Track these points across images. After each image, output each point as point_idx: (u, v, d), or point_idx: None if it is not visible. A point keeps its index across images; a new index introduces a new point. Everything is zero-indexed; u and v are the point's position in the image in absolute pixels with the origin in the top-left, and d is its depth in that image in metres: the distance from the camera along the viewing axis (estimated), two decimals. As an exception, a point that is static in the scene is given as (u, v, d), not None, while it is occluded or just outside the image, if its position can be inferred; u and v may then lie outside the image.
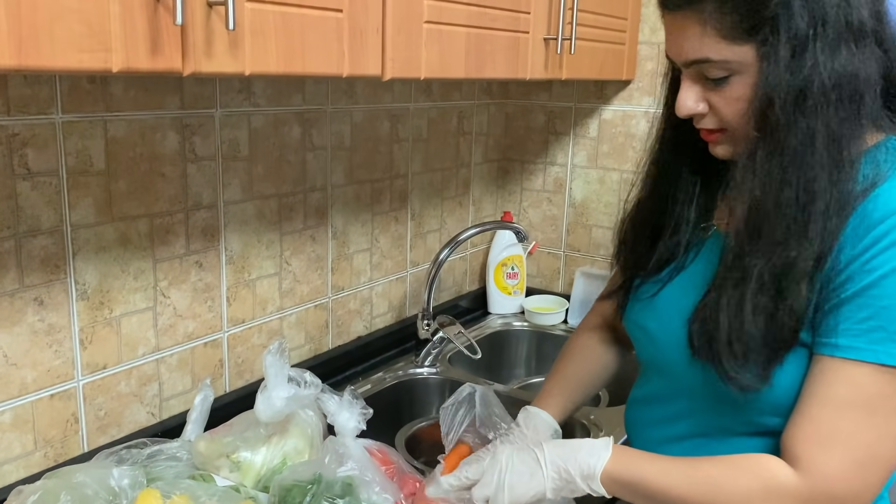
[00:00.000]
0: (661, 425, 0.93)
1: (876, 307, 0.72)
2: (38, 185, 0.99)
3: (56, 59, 0.65)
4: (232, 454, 0.95)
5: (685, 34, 0.78)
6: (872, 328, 0.72)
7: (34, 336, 1.01)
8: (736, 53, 0.76)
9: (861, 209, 0.74)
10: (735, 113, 0.79)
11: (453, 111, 1.74)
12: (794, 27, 0.73)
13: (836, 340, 0.74)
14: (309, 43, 0.87)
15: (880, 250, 0.73)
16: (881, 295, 0.72)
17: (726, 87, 0.78)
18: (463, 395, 1.00)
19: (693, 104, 0.81)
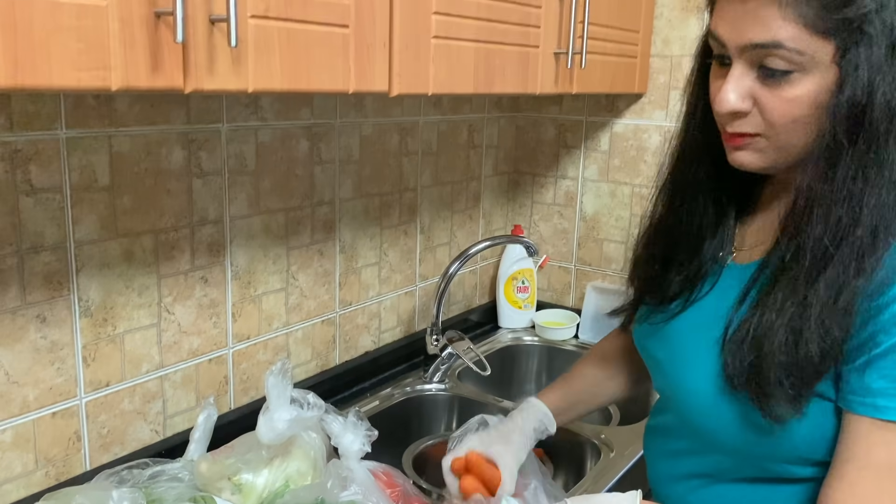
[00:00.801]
0: (669, 459, 0.90)
1: None
2: (42, 201, 0.98)
3: (53, 77, 0.63)
4: (234, 476, 0.93)
5: (756, 14, 0.70)
6: None
7: (36, 353, 1.00)
8: (812, 46, 0.68)
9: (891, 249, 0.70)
10: (785, 115, 0.72)
11: (463, 124, 1.72)
12: (888, 28, 0.67)
13: (872, 400, 0.70)
14: (314, 59, 0.86)
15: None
16: None
17: (785, 84, 0.71)
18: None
19: (737, 99, 0.73)
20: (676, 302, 0.87)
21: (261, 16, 0.79)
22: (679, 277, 0.87)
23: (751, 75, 0.73)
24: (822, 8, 0.67)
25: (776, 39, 0.69)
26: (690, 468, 0.87)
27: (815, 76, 0.70)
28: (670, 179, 0.89)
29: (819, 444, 0.75)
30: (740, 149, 0.77)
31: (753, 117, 0.74)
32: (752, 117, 0.74)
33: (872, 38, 0.67)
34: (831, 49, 0.69)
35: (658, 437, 0.94)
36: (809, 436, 0.74)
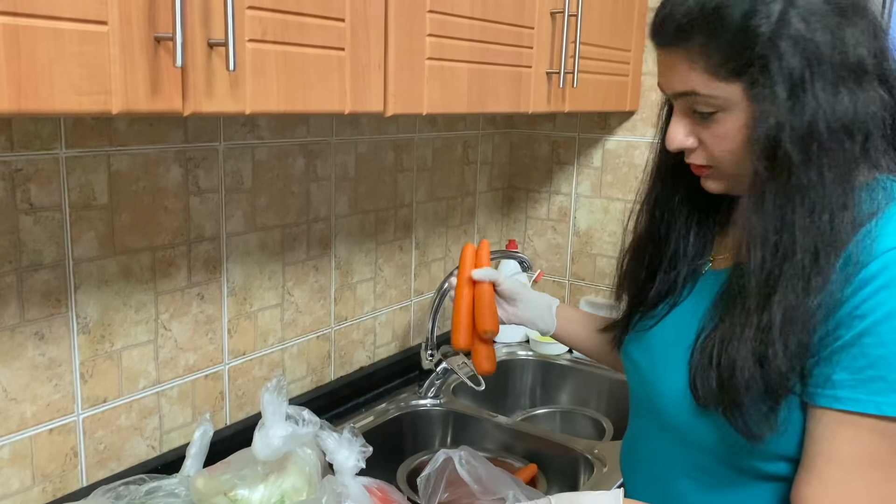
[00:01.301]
0: (651, 462, 0.92)
1: (873, 356, 0.70)
2: (41, 219, 0.99)
3: (55, 102, 0.65)
4: (229, 492, 0.94)
5: (675, 68, 0.79)
6: (872, 378, 0.70)
7: (34, 370, 1.01)
8: (723, 90, 0.76)
9: (847, 252, 0.73)
10: (721, 149, 0.79)
11: (458, 141, 1.74)
12: (786, 67, 0.72)
13: (834, 392, 0.72)
14: (311, 81, 0.87)
15: (870, 294, 0.70)
16: (878, 343, 0.70)
17: (713, 123, 0.78)
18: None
19: (682, 138, 0.81)
20: (660, 307, 0.92)
21: (258, 39, 0.81)
22: (661, 287, 0.92)
23: (690, 116, 0.81)
24: (722, 57, 0.75)
25: (691, 88, 0.78)
26: (669, 469, 0.89)
27: (735, 113, 0.77)
28: (651, 194, 0.95)
29: (789, 440, 0.77)
30: (705, 178, 0.84)
31: (701, 151, 0.82)
32: (700, 151, 0.82)
33: (773, 77, 0.73)
34: (741, 89, 0.75)
35: (637, 441, 0.97)
36: (779, 433, 0.76)
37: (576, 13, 1.34)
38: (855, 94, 0.73)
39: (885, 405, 0.70)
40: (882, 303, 0.70)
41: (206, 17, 0.75)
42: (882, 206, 0.74)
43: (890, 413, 0.70)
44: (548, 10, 1.28)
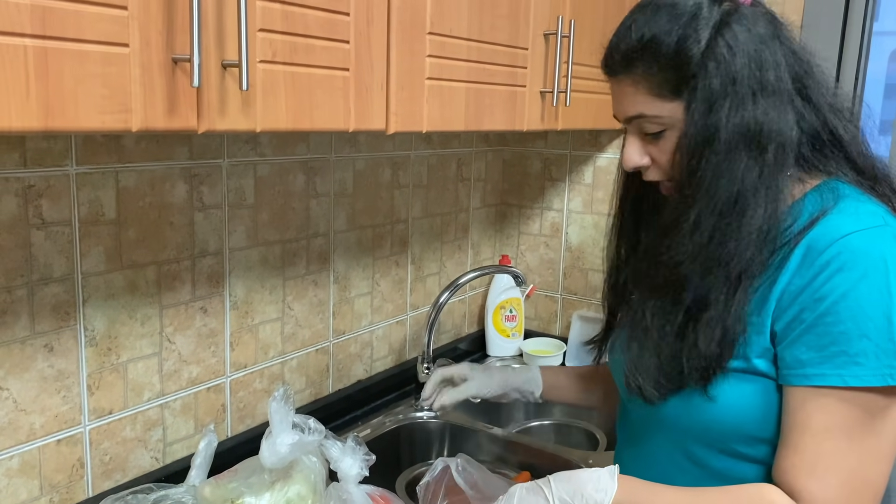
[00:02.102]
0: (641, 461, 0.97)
1: (834, 333, 0.77)
2: (52, 234, 1.02)
3: (80, 120, 0.68)
4: (236, 499, 0.96)
5: (624, 94, 0.89)
6: (835, 353, 0.77)
7: (43, 382, 1.03)
8: (666, 109, 0.85)
9: (804, 241, 0.81)
10: (671, 164, 0.88)
11: (452, 158, 1.78)
12: (709, 86, 0.82)
13: (803, 370, 0.79)
14: (317, 100, 0.91)
15: (827, 277, 0.78)
16: (837, 321, 0.77)
17: (662, 140, 0.88)
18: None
19: (637, 158, 0.90)
20: None
21: (268, 60, 0.84)
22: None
23: (641, 137, 0.90)
24: (661, 79, 0.85)
25: (639, 111, 0.87)
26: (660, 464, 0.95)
27: (679, 128, 0.86)
28: (617, 208, 1.05)
29: (767, 423, 0.83)
30: (666, 191, 0.93)
31: (655, 168, 0.91)
32: (654, 168, 0.91)
33: (699, 95, 0.83)
34: (681, 106, 0.85)
35: (624, 445, 1.04)
36: (755, 415, 0.83)
37: (568, 34, 1.38)
38: (760, 109, 0.82)
39: (849, 377, 0.77)
40: (839, 284, 0.78)
41: (220, 39, 0.79)
42: (830, 202, 0.83)
43: (853, 384, 0.77)
44: (541, 31, 1.33)
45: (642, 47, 0.85)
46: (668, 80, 0.84)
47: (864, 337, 0.77)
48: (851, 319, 0.77)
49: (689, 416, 0.88)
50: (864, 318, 0.77)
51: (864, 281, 0.77)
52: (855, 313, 0.77)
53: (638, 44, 0.86)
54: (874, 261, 0.78)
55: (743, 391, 0.84)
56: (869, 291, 0.77)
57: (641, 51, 0.85)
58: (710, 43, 0.83)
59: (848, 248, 0.78)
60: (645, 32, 0.85)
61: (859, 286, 0.77)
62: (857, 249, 0.78)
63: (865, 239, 0.79)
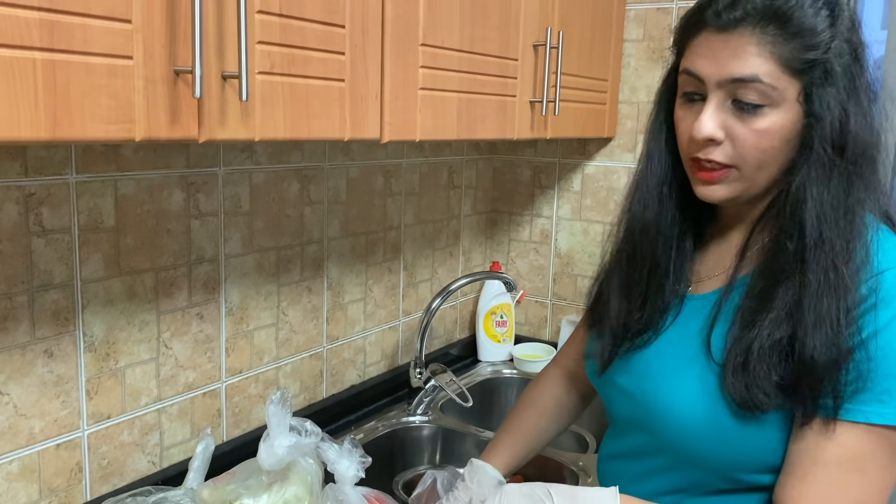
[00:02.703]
0: (639, 481, 0.93)
1: (860, 370, 0.76)
2: (52, 241, 1.03)
3: (86, 131, 0.70)
4: (234, 501, 0.98)
5: (737, 52, 0.78)
6: (859, 389, 0.76)
7: (43, 387, 1.05)
8: (783, 83, 0.78)
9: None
10: (755, 146, 0.80)
11: (444, 166, 1.81)
12: (844, 78, 0.78)
13: (823, 401, 0.77)
14: (314, 110, 0.94)
15: (863, 312, 0.77)
16: (863, 358, 0.76)
17: (756, 116, 0.79)
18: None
19: (714, 127, 0.80)
20: (642, 336, 0.93)
21: (267, 72, 0.87)
22: (645, 313, 0.93)
23: (726, 108, 0.80)
24: (794, 49, 0.77)
25: (755, 74, 0.77)
26: (660, 486, 0.92)
27: (782, 111, 0.79)
28: (630, 218, 0.96)
29: (780, 450, 0.82)
30: (716, 182, 0.84)
31: (725, 147, 0.81)
32: (724, 147, 0.81)
33: (833, 84, 0.78)
34: (798, 87, 0.78)
35: (620, 461, 0.99)
36: (774, 443, 0.81)
37: (556, 46, 1.42)
38: (878, 116, 0.81)
39: (872, 414, 0.76)
40: (871, 321, 0.77)
41: (220, 51, 0.81)
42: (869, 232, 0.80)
43: (876, 421, 0.76)
44: (530, 42, 1.36)
45: (783, 9, 0.77)
46: (799, 56, 0.77)
47: (891, 376, 0.76)
48: (880, 358, 0.76)
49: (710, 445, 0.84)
50: (891, 357, 0.76)
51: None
52: (886, 352, 0.76)
53: (773, 3, 0.77)
54: None
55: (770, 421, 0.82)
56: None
57: (781, 12, 0.77)
58: (848, 35, 0.79)
59: (884, 285, 0.77)
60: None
61: (892, 325, 0.77)
62: (892, 286, 0.77)
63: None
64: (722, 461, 0.85)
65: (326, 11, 0.93)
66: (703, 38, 0.82)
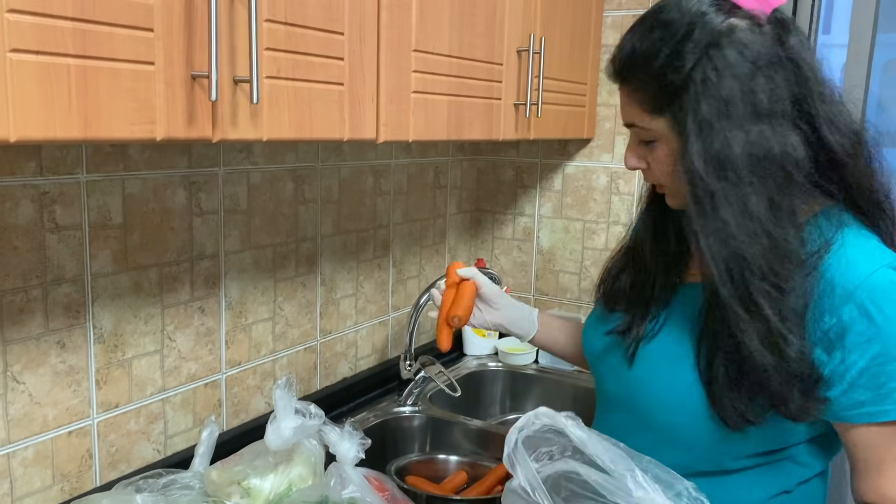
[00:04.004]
0: None
1: (889, 371, 0.84)
2: (64, 238, 1.08)
3: (113, 130, 0.76)
4: (243, 481, 1.04)
5: (622, 102, 0.95)
6: (892, 390, 0.84)
7: (56, 376, 1.10)
8: (653, 123, 0.91)
9: (826, 277, 0.85)
10: (661, 172, 0.94)
11: (430, 167, 1.88)
12: (696, 108, 0.85)
13: (865, 410, 0.86)
14: (316, 112, 1.00)
15: (870, 320, 0.83)
16: (888, 360, 0.84)
17: (654, 149, 0.93)
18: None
19: (634, 161, 0.97)
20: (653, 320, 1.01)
21: (273, 76, 0.93)
22: (641, 294, 1.03)
23: (638, 142, 0.96)
24: (649, 95, 0.90)
25: (631, 121, 0.94)
26: None
27: (666, 142, 0.91)
28: (640, 210, 1.09)
29: (770, 439, 0.91)
30: (664, 194, 0.98)
31: (650, 172, 0.97)
32: (649, 171, 0.97)
33: (687, 116, 0.86)
34: (667, 123, 0.90)
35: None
36: (766, 432, 0.90)
37: (539, 51, 1.49)
38: (764, 134, 0.84)
39: None
40: (882, 325, 0.83)
41: (232, 57, 0.87)
42: (837, 232, 0.87)
43: None
44: (514, 48, 1.43)
45: (632, 63, 0.90)
46: (656, 97, 0.88)
47: None
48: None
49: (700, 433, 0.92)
50: None
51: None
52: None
53: (629, 59, 0.90)
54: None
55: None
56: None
57: (632, 66, 0.90)
58: (697, 65, 0.84)
59: (877, 289, 0.83)
60: (636, 48, 0.89)
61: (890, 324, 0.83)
62: (886, 288, 0.84)
63: (888, 276, 0.84)
64: (707, 445, 0.92)
65: (327, 19, 1.00)
66: None
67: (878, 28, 1.73)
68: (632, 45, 0.90)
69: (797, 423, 0.90)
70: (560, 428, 0.86)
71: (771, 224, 0.84)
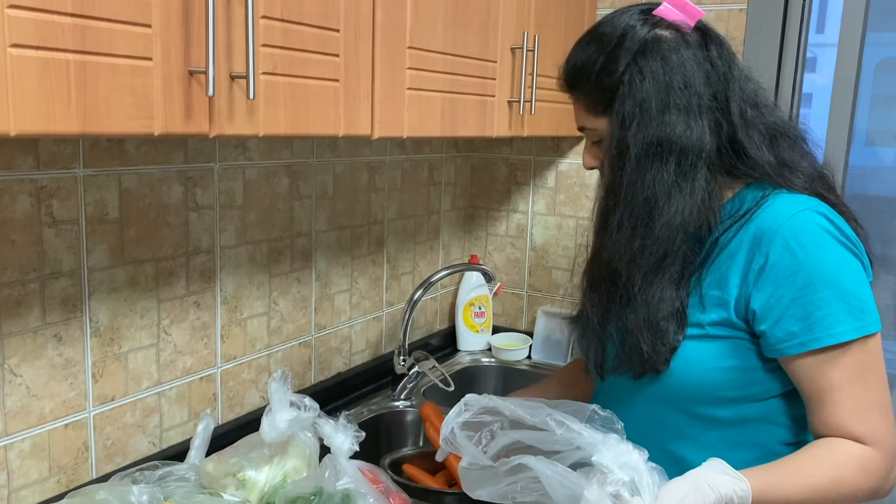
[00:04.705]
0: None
1: (816, 300, 0.91)
2: (61, 232, 1.09)
3: (111, 125, 0.77)
4: (238, 473, 1.05)
5: (573, 108, 1.08)
6: (821, 318, 0.91)
7: (53, 369, 1.11)
8: (598, 124, 1.04)
9: (752, 225, 0.96)
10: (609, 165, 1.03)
11: (424, 163, 1.89)
12: (622, 106, 0.99)
13: (797, 340, 0.93)
14: (312, 108, 1.01)
15: (793, 255, 0.92)
16: (814, 289, 0.92)
17: (601, 148, 1.05)
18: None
19: (589, 160, 1.09)
20: None
21: (270, 72, 0.94)
22: None
23: (592, 144, 1.08)
24: (591, 100, 1.03)
25: (581, 124, 1.07)
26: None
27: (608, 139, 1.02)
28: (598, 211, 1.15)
29: (722, 383, 0.97)
30: None
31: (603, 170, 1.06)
32: (603, 170, 1.06)
33: (623, 106, 0.99)
34: (607, 121, 1.02)
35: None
36: (710, 374, 0.97)
37: (532, 49, 1.50)
38: (674, 125, 0.97)
39: (839, 334, 0.91)
40: (804, 260, 0.92)
41: (228, 53, 0.88)
42: (765, 193, 0.99)
43: (842, 339, 0.91)
44: (508, 46, 1.45)
45: (575, 73, 1.04)
46: (598, 100, 1.02)
47: (838, 298, 0.91)
48: (825, 287, 0.91)
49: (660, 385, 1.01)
50: (833, 283, 0.92)
51: (822, 253, 0.92)
52: (826, 281, 0.91)
53: (573, 70, 1.04)
54: (820, 234, 0.93)
55: (701, 354, 0.97)
56: (829, 260, 0.92)
57: (575, 76, 1.04)
58: (626, 70, 0.98)
59: (799, 227, 0.93)
60: (577, 60, 1.03)
61: (820, 258, 0.92)
62: (806, 227, 0.93)
63: (809, 218, 0.94)
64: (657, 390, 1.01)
65: (323, 16, 1.01)
66: None
67: (869, 28, 1.75)
68: (574, 58, 1.04)
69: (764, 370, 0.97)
70: (491, 406, 0.96)
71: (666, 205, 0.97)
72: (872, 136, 1.99)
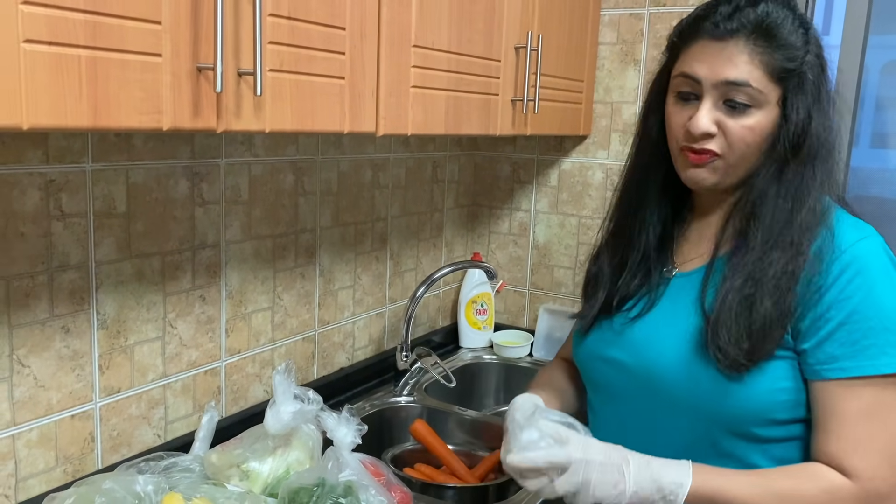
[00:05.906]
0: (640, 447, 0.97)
1: (864, 329, 0.89)
2: (70, 225, 1.11)
3: (121, 120, 0.78)
4: (242, 464, 1.06)
5: (731, 59, 0.93)
6: (866, 346, 0.89)
7: (60, 361, 1.12)
8: (768, 88, 0.93)
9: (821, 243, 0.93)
10: (742, 139, 0.94)
11: (428, 161, 1.90)
12: (812, 88, 0.93)
13: (839, 364, 0.90)
14: (318, 105, 1.02)
15: (849, 280, 0.90)
16: (865, 318, 0.90)
17: (744, 115, 0.94)
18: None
19: (708, 123, 0.94)
20: (633, 310, 1.05)
21: (276, 69, 0.95)
22: (634, 282, 1.06)
23: (719, 106, 0.95)
24: (778, 59, 0.93)
25: (746, 79, 0.93)
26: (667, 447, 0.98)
27: (765, 112, 0.94)
28: (623, 200, 1.11)
29: (778, 404, 0.94)
30: (700, 167, 0.98)
31: (718, 139, 0.96)
32: (717, 139, 0.96)
33: (804, 92, 0.94)
34: (778, 92, 0.94)
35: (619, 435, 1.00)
36: (769, 395, 0.93)
37: (536, 48, 1.52)
38: (833, 121, 0.97)
39: (882, 366, 0.89)
40: (860, 286, 0.90)
41: (236, 50, 0.89)
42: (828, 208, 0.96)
43: (886, 371, 0.89)
44: (512, 45, 1.46)
45: (773, 24, 0.92)
46: (782, 66, 0.93)
47: (888, 330, 0.89)
48: (876, 317, 0.89)
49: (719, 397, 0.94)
50: (885, 314, 0.89)
51: (880, 282, 0.90)
52: (878, 311, 0.89)
53: (766, 18, 0.92)
54: (882, 264, 0.92)
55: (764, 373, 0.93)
56: (885, 291, 0.90)
57: (771, 27, 0.92)
58: (817, 51, 0.95)
59: (860, 255, 0.91)
60: (771, 13, 0.93)
61: (877, 287, 0.90)
62: (866, 256, 0.91)
63: (869, 247, 0.92)
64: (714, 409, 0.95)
65: (329, 14, 1.02)
66: (700, 46, 0.96)
67: (875, 30, 1.75)
68: (766, 9, 0.93)
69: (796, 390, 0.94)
70: None
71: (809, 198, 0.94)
72: (878, 139, 2.00)
